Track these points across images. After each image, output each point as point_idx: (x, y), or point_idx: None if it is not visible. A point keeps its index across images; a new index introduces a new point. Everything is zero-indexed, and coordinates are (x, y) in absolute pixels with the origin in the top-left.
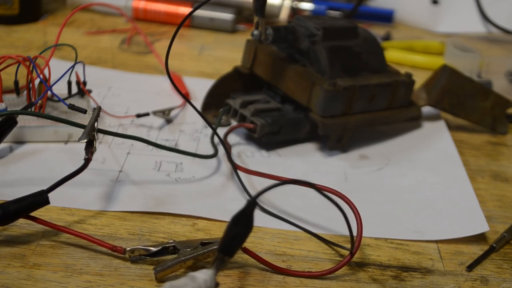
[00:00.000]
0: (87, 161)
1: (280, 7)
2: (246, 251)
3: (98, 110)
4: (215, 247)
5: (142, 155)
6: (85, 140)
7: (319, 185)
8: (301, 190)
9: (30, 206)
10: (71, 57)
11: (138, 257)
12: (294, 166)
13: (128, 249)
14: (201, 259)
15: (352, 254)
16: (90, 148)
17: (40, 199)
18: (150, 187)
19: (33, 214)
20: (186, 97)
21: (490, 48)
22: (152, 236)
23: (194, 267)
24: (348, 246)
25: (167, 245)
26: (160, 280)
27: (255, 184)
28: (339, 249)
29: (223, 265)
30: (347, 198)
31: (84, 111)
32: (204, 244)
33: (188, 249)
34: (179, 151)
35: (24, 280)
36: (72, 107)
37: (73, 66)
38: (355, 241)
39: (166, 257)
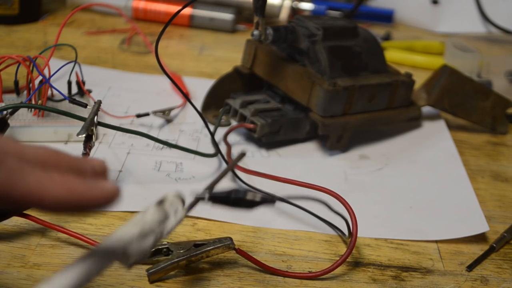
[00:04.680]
0: (85, 156)
1: (280, 7)
2: (241, 253)
3: (98, 105)
4: (208, 248)
5: (142, 155)
6: (84, 135)
7: (316, 185)
8: (300, 191)
9: None
10: (71, 57)
11: None
12: (294, 166)
13: None
14: (194, 260)
15: (349, 248)
16: (88, 143)
17: None
18: (150, 187)
19: (32, 213)
20: (184, 93)
21: (490, 48)
22: None
23: (187, 268)
24: (346, 246)
25: (160, 247)
26: (153, 282)
27: (255, 184)
28: (338, 249)
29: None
30: (342, 198)
31: (84, 105)
32: (197, 245)
33: (182, 251)
34: (181, 148)
35: (24, 280)
36: (73, 101)
37: (74, 63)
38: (351, 241)
39: (160, 258)
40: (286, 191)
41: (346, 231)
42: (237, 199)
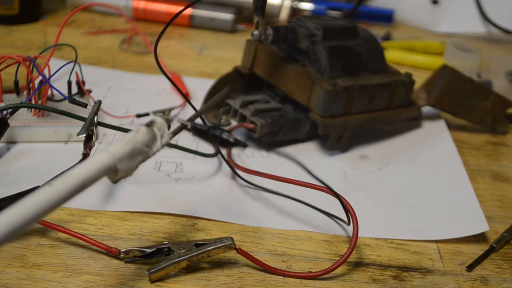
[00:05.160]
0: (85, 156)
1: (280, 7)
2: (242, 253)
3: (98, 105)
4: (209, 248)
5: None
6: (84, 135)
7: (316, 185)
8: (301, 190)
9: None
10: (71, 57)
11: (132, 258)
12: (294, 166)
13: (122, 250)
14: (195, 260)
15: (350, 246)
16: (88, 143)
17: None
18: (150, 187)
19: None
20: (183, 94)
21: (490, 48)
22: (152, 236)
23: (188, 268)
24: (346, 246)
25: (161, 247)
26: (153, 281)
27: (255, 184)
28: (338, 249)
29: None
30: (342, 197)
31: (84, 105)
32: (198, 245)
33: (183, 250)
34: (181, 148)
35: (24, 280)
36: (73, 101)
37: (74, 63)
38: (351, 241)
39: (161, 258)
40: (286, 190)
41: (344, 229)
42: (214, 135)
